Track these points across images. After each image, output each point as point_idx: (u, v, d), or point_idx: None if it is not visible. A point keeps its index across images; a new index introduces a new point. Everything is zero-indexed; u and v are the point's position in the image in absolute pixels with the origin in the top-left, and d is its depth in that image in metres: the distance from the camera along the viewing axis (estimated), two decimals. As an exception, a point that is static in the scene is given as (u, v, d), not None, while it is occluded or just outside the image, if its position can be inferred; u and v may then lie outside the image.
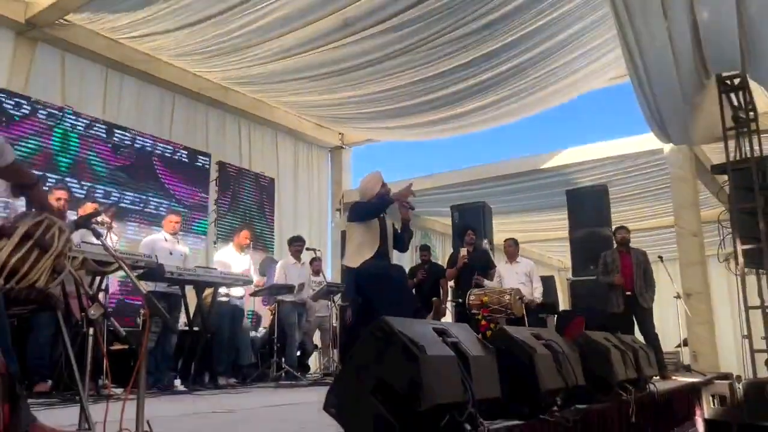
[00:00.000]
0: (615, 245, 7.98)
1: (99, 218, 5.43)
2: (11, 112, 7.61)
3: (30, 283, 1.83)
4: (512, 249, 8.17)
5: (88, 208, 5.54)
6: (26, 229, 1.87)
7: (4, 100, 7.55)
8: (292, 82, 9.89)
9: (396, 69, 9.20)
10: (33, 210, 2.01)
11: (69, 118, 8.23)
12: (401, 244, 5.37)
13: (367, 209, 5.12)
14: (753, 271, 7.54)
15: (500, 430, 2.70)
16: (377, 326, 2.44)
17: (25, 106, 7.76)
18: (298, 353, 8.24)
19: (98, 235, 2.43)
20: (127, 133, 8.97)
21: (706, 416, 6.20)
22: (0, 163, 1.88)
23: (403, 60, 8.94)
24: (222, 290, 6.88)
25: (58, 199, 5.48)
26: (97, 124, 8.59)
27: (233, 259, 7.29)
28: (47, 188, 7.01)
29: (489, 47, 8.55)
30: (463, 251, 8.10)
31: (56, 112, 8.10)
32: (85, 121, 8.44)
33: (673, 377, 7.18)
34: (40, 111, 7.92)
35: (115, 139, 8.80)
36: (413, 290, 8.68)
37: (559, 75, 9.47)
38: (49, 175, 7.82)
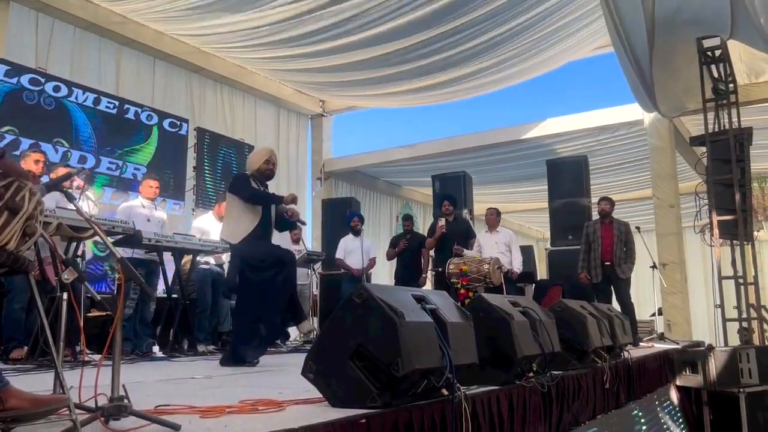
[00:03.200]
0: (598, 216, 8.03)
1: (75, 183, 5.34)
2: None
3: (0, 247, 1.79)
4: (493, 218, 8.18)
5: (60, 171, 5.42)
6: (-7, 190, 1.82)
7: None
8: (273, 49, 9.73)
9: (378, 37, 9.08)
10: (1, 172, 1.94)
11: (43, 81, 8.02)
12: (279, 225, 5.22)
13: (249, 193, 4.87)
14: (727, 242, 7.66)
15: (477, 395, 2.72)
16: (357, 292, 2.44)
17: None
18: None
19: (71, 199, 2.38)
20: (102, 97, 8.77)
21: (678, 383, 6.32)
22: None
23: (386, 28, 8.82)
24: (202, 257, 6.84)
25: (36, 161, 5.36)
26: (71, 88, 8.38)
27: (212, 227, 7.23)
28: (19, 154, 6.88)
29: (471, 16, 8.45)
30: (441, 221, 8.11)
31: (29, 74, 7.88)
32: (58, 84, 8.22)
33: (647, 345, 7.32)
34: (13, 72, 7.71)
35: (89, 102, 8.60)
36: (396, 262, 8.79)
37: (542, 45, 9.41)
38: (22, 138, 7.65)
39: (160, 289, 6.75)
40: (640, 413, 5.06)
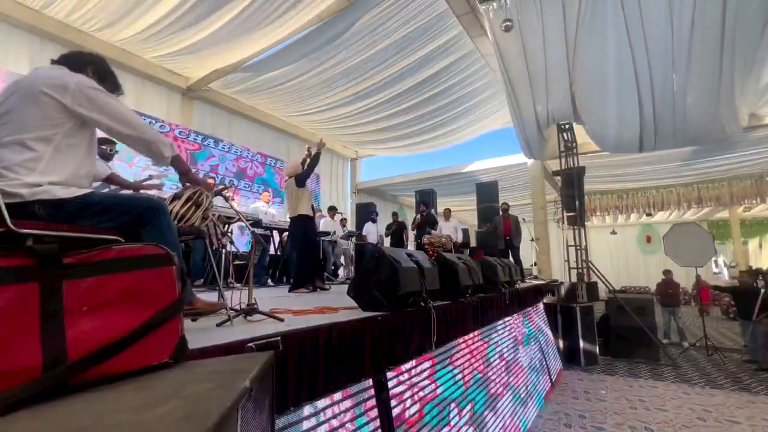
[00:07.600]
0: (501, 213, 7.99)
1: (227, 193, 5.33)
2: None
3: (190, 224, 1.80)
4: (447, 214, 8.15)
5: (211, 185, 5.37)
6: (188, 194, 1.83)
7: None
8: (326, 115, 9.65)
9: (390, 117, 9.02)
10: (190, 184, 1.95)
11: (223, 147, 7.94)
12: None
13: (310, 171, 4.36)
14: (571, 227, 7.60)
15: (439, 306, 2.71)
16: (375, 251, 2.43)
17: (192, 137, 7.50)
18: (333, 267, 8.21)
19: (227, 199, 2.39)
20: (244, 151, 8.75)
21: (545, 302, 6.28)
22: (164, 163, 1.63)
23: (396, 109, 8.76)
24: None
25: (211, 178, 5.33)
26: (229, 149, 8.33)
27: (271, 209, 7.07)
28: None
29: (433, 104, 8.36)
30: (418, 216, 8.10)
31: (213, 142, 7.80)
32: (230, 148, 8.15)
33: (528, 281, 7.25)
34: (195, 138, 7.67)
35: (243, 155, 8.59)
36: (389, 237, 8.70)
37: (471, 120, 9.30)
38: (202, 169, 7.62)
39: (272, 249, 6.71)
40: (525, 317, 5.03)
